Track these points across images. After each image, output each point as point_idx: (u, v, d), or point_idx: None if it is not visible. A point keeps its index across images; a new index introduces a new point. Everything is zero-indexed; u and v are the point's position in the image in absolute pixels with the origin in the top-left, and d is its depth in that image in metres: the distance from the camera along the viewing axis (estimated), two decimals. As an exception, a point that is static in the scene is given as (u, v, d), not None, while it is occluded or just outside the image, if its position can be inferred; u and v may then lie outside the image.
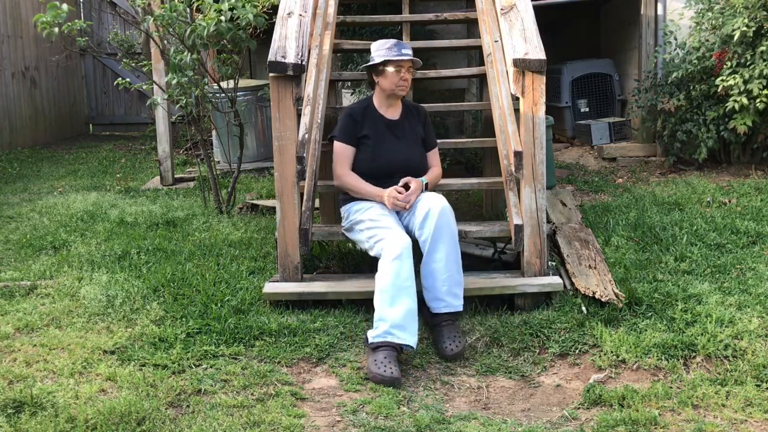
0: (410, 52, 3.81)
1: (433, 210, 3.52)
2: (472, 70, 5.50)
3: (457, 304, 3.52)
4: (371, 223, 3.62)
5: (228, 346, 3.35)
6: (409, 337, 3.30)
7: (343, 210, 3.88)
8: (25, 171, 7.82)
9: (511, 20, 4.07)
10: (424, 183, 3.76)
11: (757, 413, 2.84)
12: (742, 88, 5.70)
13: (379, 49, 3.80)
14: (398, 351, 3.28)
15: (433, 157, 4.00)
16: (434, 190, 3.93)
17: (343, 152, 3.83)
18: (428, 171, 3.92)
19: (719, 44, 6.06)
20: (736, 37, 5.79)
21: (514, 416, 2.94)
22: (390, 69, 3.78)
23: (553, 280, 3.78)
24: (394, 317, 3.29)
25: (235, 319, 3.55)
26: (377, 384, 3.15)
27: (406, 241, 3.44)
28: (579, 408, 2.98)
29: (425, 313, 3.55)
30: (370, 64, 3.85)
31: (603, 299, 3.62)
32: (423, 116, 4.01)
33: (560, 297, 3.75)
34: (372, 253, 3.64)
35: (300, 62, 3.76)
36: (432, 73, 5.18)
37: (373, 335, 3.31)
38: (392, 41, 3.82)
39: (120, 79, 5.63)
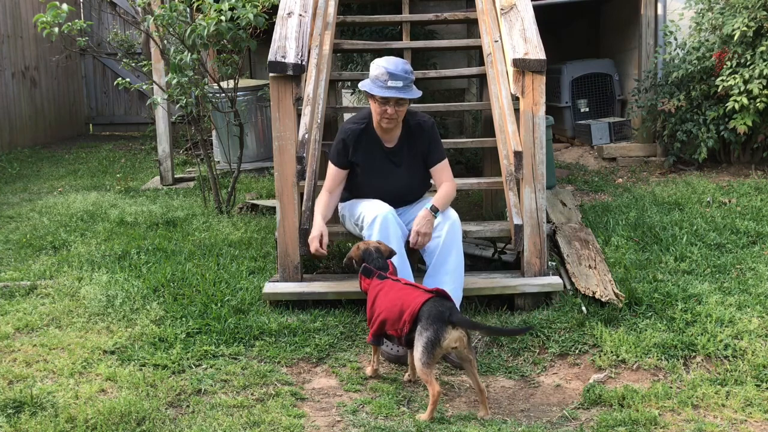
0: (400, 83, 3.40)
1: (444, 223, 3.49)
2: (472, 70, 5.50)
3: None
4: (360, 206, 3.64)
5: (228, 346, 3.35)
6: None
7: (341, 207, 3.87)
8: (25, 171, 7.81)
9: (511, 20, 4.07)
10: (429, 208, 3.51)
11: (757, 413, 2.84)
12: (742, 88, 5.70)
13: (371, 72, 3.48)
14: None
15: (443, 172, 3.69)
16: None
17: (330, 173, 3.70)
18: (439, 187, 3.65)
19: (719, 44, 6.06)
20: (736, 37, 5.79)
21: (514, 416, 2.94)
22: (376, 99, 3.48)
23: (553, 280, 3.78)
24: None
25: (235, 319, 3.55)
26: (386, 360, 3.33)
27: (386, 207, 3.49)
28: (579, 408, 2.98)
29: None
30: (359, 87, 3.61)
31: (603, 299, 3.62)
32: (428, 133, 3.68)
33: (560, 297, 3.75)
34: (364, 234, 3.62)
35: (300, 62, 3.76)
36: (432, 73, 5.18)
37: None
38: (386, 70, 3.41)
39: (120, 79, 5.63)
